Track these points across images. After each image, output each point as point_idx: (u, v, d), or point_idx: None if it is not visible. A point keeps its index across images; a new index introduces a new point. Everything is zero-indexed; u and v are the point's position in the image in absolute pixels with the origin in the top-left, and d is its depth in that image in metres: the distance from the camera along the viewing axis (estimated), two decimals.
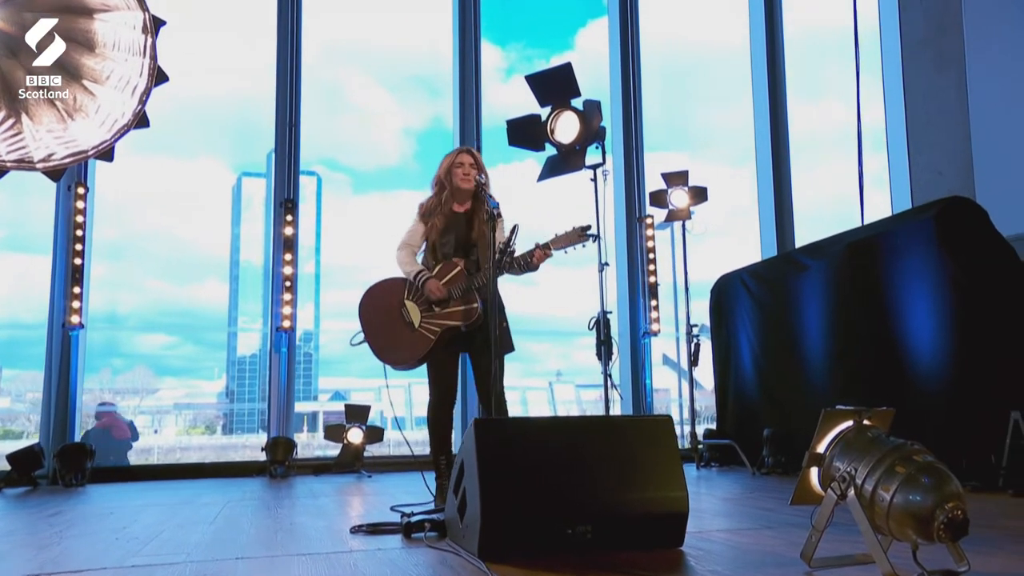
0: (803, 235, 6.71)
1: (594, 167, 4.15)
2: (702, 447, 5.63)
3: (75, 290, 5.36)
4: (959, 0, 5.69)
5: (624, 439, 2.27)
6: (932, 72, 6.01)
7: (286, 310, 5.80)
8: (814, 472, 1.82)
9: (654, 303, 6.51)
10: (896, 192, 6.37)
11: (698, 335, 5.86)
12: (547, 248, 3.22)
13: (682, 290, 5.96)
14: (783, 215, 6.87)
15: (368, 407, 5.74)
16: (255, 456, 5.64)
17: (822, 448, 1.79)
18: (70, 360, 5.40)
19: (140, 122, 3.46)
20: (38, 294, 5.49)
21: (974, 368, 3.69)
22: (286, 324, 5.80)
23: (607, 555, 2.08)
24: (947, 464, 1.66)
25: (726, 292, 5.97)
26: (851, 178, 6.05)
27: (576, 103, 4.21)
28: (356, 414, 5.67)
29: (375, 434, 5.64)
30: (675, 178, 6.00)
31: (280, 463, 5.39)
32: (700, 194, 5.99)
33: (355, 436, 5.57)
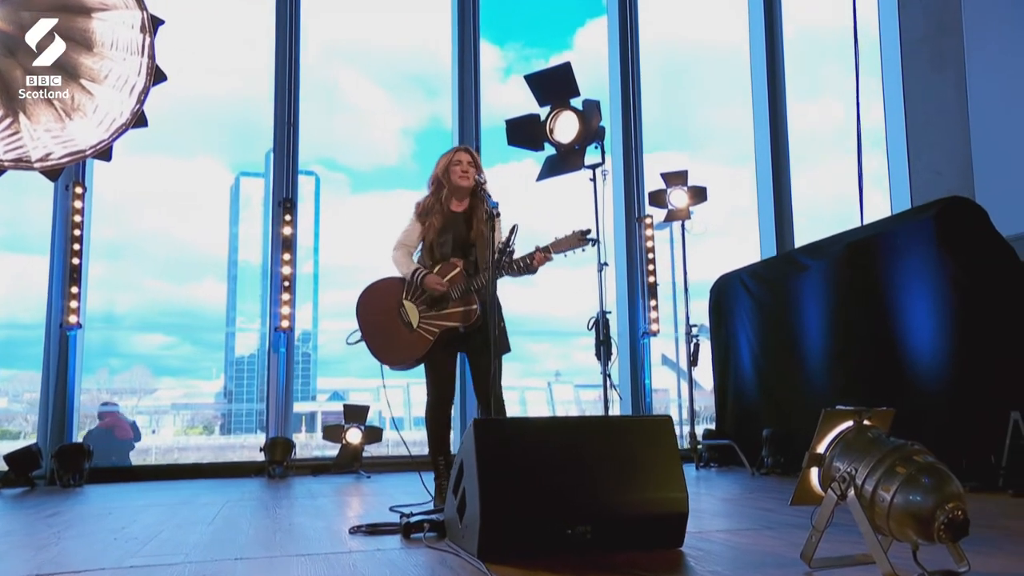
0: (802, 235, 6.72)
1: (593, 167, 4.15)
2: (701, 447, 5.63)
3: (73, 290, 5.35)
4: None
5: (624, 439, 2.26)
6: (931, 72, 6.01)
7: (285, 310, 5.79)
8: (814, 472, 1.81)
9: (653, 303, 6.51)
10: (895, 192, 6.37)
11: (697, 335, 5.85)
12: (547, 251, 3.20)
13: (681, 290, 5.96)
14: (782, 215, 6.87)
15: (367, 407, 5.73)
16: (253, 456, 5.63)
17: (822, 448, 1.79)
18: (68, 360, 5.39)
19: (138, 121, 3.45)
20: (36, 294, 5.49)
21: (974, 368, 3.69)
22: (285, 324, 5.79)
23: (607, 555, 2.07)
24: (947, 464, 1.66)
25: (725, 292, 5.96)
26: (850, 178, 6.05)
27: (575, 103, 4.20)
28: (355, 414, 5.66)
29: (374, 434, 5.64)
30: (674, 178, 5.99)
31: (278, 463, 5.38)
32: (699, 194, 5.98)
33: (354, 436, 5.57)
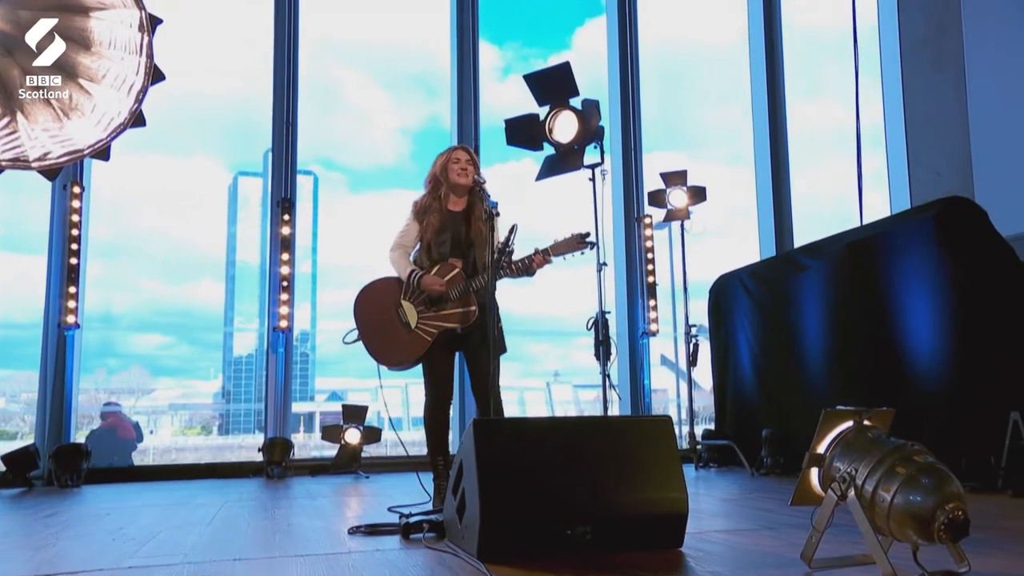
0: (802, 235, 6.72)
1: (592, 167, 4.14)
2: (700, 448, 5.62)
3: (71, 290, 5.34)
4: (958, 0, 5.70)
5: (624, 440, 2.26)
6: (931, 72, 6.01)
7: (283, 310, 5.78)
8: (814, 473, 1.81)
9: (652, 303, 6.50)
10: (895, 192, 6.37)
11: (696, 335, 5.85)
12: (547, 254, 3.19)
13: (680, 290, 5.96)
14: (782, 215, 6.86)
15: (366, 407, 5.72)
16: (251, 457, 5.62)
17: (822, 449, 1.79)
18: (65, 360, 5.38)
19: (136, 121, 3.44)
20: (33, 294, 5.48)
21: (973, 368, 3.69)
22: (283, 324, 5.78)
23: (606, 556, 2.07)
24: (947, 465, 1.65)
25: (725, 292, 5.96)
26: (850, 178, 6.05)
27: (574, 102, 4.20)
28: (354, 414, 5.65)
29: (373, 435, 5.63)
30: (674, 178, 5.99)
31: (277, 464, 5.37)
32: (699, 194, 5.98)
33: (352, 437, 5.56)
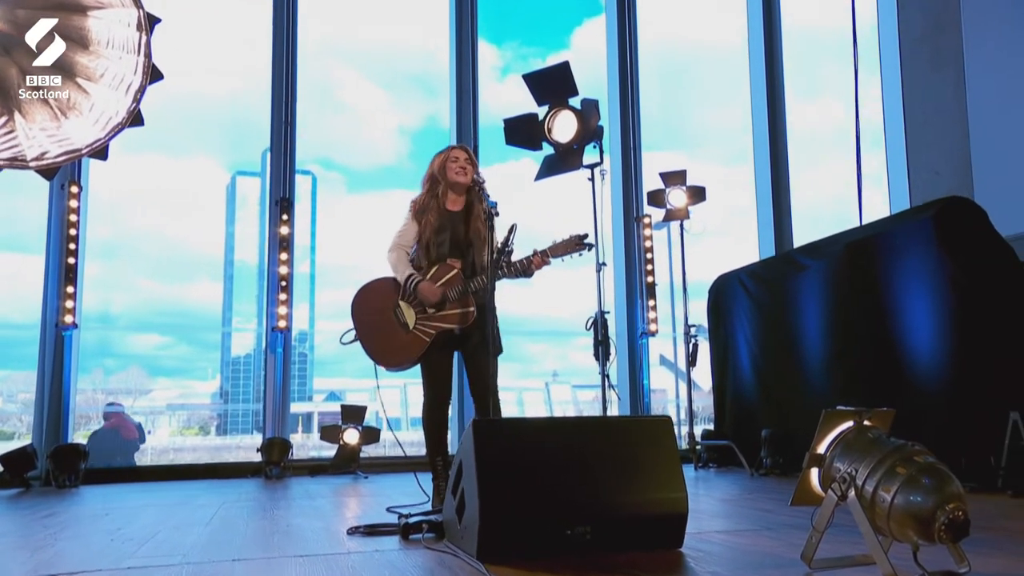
0: (801, 235, 6.72)
1: (592, 166, 4.14)
2: (700, 448, 5.62)
3: (68, 289, 5.33)
4: None
5: (624, 440, 2.25)
6: (930, 71, 6.01)
7: (282, 310, 5.77)
8: (814, 473, 1.81)
9: (652, 303, 6.50)
10: (894, 192, 6.37)
11: (696, 335, 5.85)
12: (545, 255, 3.19)
13: (680, 290, 5.96)
14: (781, 215, 6.86)
15: (364, 408, 5.72)
16: (250, 457, 5.62)
17: (822, 449, 1.78)
18: (63, 360, 5.37)
19: (134, 120, 3.44)
20: (31, 293, 5.46)
21: (973, 368, 3.69)
22: (282, 324, 5.77)
23: (606, 556, 2.07)
24: (947, 465, 1.65)
25: (724, 292, 5.95)
26: (849, 178, 6.05)
27: (574, 102, 4.20)
28: (352, 415, 5.64)
29: (371, 435, 5.62)
30: (673, 177, 5.99)
31: (276, 464, 5.36)
32: (698, 193, 5.98)
33: (351, 437, 5.55)
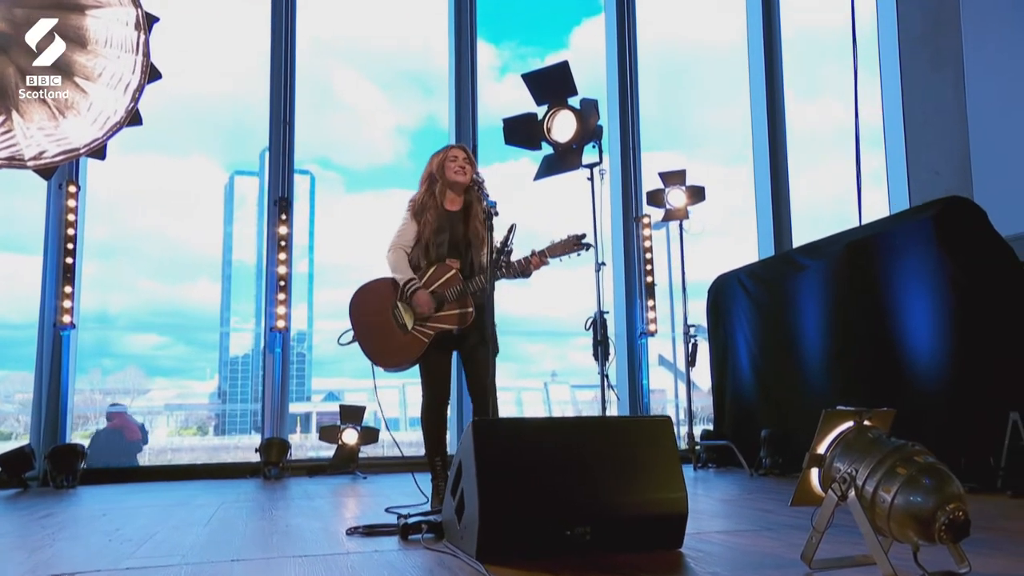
0: (801, 235, 6.72)
1: (591, 166, 4.14)
2: (699, 448, 5.61)
3: (66, 289, 5.31)
4: None
5: (623, 440, 2.25)
6: (929, 71, 6.01)
7: (280, 310, 5.76)
8: (814, 473, 1.80)
9: (651, 303, 6.49)
10: (894, 191, 6.37)
11: (695, 335, 5.85)
12: (543, 255, 3.20)
13: (679, 290, 5.96)
14: (781, 215, 6.86)
15: (363, 408, 5.71)
16: (248, 457, 5.60)
17: (823, 449, 1.78)
18: (61, 360, 5.35)
19: (133, 120, 3.42)
20: (28, 294, 5.44)
21: (973, 368, 3.68)
22: (280, 324, 5.76)
23: (606, 556, 2.06)
24: (946, 465, 1.65)
25: (723, 292, 5.95)
26: (849, 177, 6.05)
27: (573, 102, 4.20)
28: (351, 415, 5.63)
29: (370, 435, 5.61)
30: (672, 177, 5.98)
31: (274, 464, 5.35)
32: (697, 193, 5.97)
33: (350, 437, 5.54)
